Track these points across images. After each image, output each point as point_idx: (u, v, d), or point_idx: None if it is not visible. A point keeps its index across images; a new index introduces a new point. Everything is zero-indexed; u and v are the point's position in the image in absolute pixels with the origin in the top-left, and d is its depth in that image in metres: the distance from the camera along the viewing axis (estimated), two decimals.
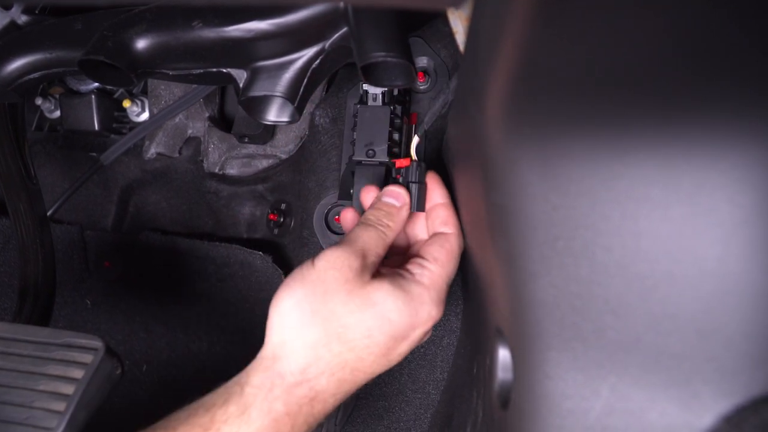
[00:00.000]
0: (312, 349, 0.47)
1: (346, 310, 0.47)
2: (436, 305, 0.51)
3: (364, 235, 0.52)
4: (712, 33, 0.26)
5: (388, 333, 0.48)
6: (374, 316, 0.48)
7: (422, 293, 0.50)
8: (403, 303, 0.48)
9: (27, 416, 0.48)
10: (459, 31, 0.45)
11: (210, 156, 0.92)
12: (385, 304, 0.48)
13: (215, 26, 0.55)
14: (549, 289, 0.33)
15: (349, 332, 0.47)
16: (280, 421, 0.45)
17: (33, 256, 0.70)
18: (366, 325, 0.47)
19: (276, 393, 0.46)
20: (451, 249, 0.54)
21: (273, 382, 0.46)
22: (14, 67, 0.63)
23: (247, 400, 0.45)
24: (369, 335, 0.47)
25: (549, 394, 0.34)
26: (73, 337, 0.51)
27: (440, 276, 0.52)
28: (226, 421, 0.44)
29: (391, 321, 0.48)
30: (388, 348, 0.49)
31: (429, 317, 0.50)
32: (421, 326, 0.50)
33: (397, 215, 0.54)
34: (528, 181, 0.33)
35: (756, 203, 0.25)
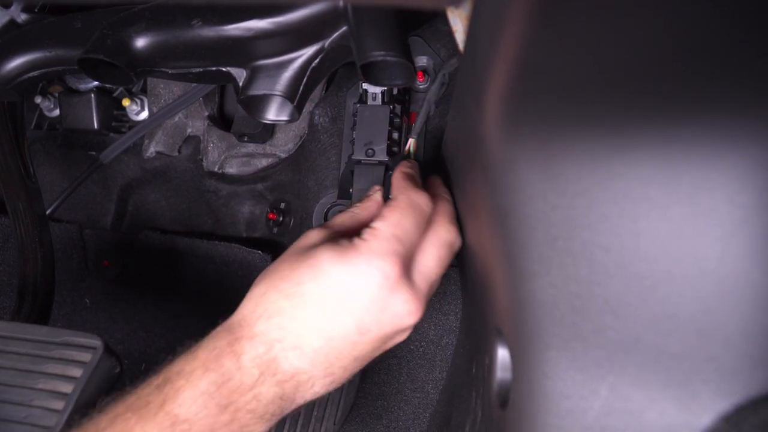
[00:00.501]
0: (254, 300, 0.51)
1: (285, 265, 0.51)
2: (376, 255, 0.49)
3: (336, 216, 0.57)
4: (711, 32, 0.26)
5: (322, 282, 0.49)
6: (307, 266, 0.50)
7: (359, 244, 0.49)
8: (337, 254, 0.49)
9: (26, 415, 0.48)
10: (458, 30, 0.45)
11: (209, 155, 0.92)
12: (318, 256, 0.50)
13: (215, 25, 0.55)
14: (548, 288, 0.33)
15: (283, 282, 0.50)
16: (223, 354, 0.48)
17: (32, 254, 0.70)
18: (298, 273, 0.50)
19: (220, 335, 0.49)
20: (396, 204, 0.53)
21: (220, 329, 0.50)
22: (13, 65, 0.63)
23: (195, 346, 0.49)
24: (300, 282, 0.49)
25: (548, 394, 0.34)
26: (71, 335, 0.51)
27: (379, 228, 0.50)
28: (175, 361, 0.48)
29: (324, 270, 0.49)
30: (328, 300, 0.49)
31: (370, 267, 0.48)
32: (365, 278, 0.48)
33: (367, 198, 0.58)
34: (527, 181, 0.33)
35: (755, 203, 0.25)
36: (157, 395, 0.46)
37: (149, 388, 0.47)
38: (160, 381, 0.47)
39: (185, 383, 0.46)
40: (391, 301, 0.49)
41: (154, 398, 0.46)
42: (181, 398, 0.46)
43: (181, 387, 0.46)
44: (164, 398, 0.46)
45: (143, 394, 0.47)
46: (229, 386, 0.47)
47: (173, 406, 0.45)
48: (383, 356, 0.84)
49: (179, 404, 0.45)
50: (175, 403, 0.46)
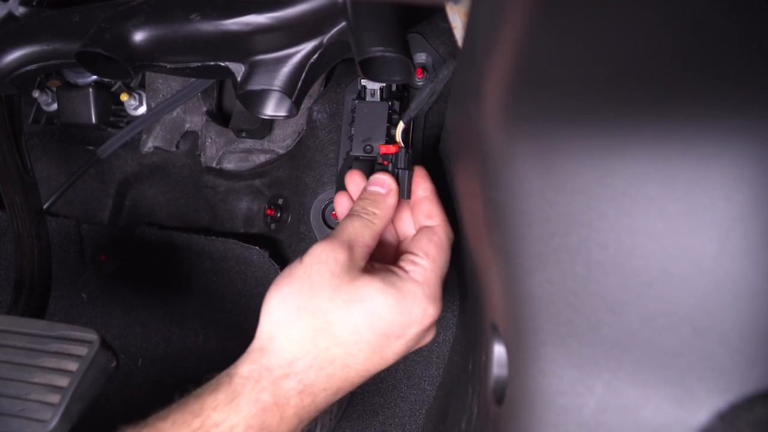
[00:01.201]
0: (298, 344, 0.47)
1: (332, 306, 0.47)
2: (431, 301, 0.50)
3: (349, 226, 0.52)
4: (709, 31, 0.26)
5: (378, 330, 0.48)
6: (362, 312, 0.47)
7: (415, 290, 0.49)
8: (395, 300, 0.48)
9: (21, 408, 0.47)
10: (457, 26, 0.45)
11: (207, 150, 0.92)
12: (374, 301, 0.48)
13: (213, 19, 0.55)
14: (544, 285, 0.33)
15: (335, 327, 0.47)
16: (267, 411, 0.46)
17: (29, 249, 0.70)
18: (353, 321, 0.47)
19: (263, 384, 0.46)
20: (439, 241, 0.53)
21: (261, 374, 0.47)
22: (11, 58, 0.62)
23: (235, 389, 0.46)
24: (356, 331, 0.47)
25: (544, 391, 0.34)
26: (68, 329, 0.51)
27: (432, 271, 0.51)
28: (216, 408, 0.45)
29: (381, 318, 0.48)
30: (380, 345, 0.48)
31: (425, 314, 0.49)
32: (417, 324, 0.49)
33: (383, 202, 0.54)
34: (524, 178, 0.33)
35: (752, 200, 0.25)
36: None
37: (182, 431, 0.45)
38: (196, 429, 0.45)
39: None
40: (428, 335, 0.53)
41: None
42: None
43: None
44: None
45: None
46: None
47: None
48: None
49: None
50: None
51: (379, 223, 0.53)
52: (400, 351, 0.50)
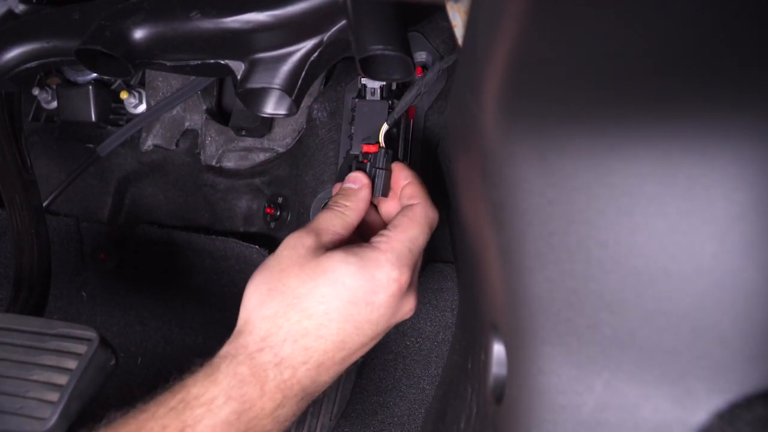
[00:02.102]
0: (271, 320, 0.49)
1: (299, 282, 0.50)
2: (395, 267, 0.50)
3: (320, 216, 0.55)
4: (709, 28, 0.26)
5: (344, 297, 0.49)
6: (326, 282, 0.49)
7: (378, 256, 0.50)
8: (356, 267, 0.49)
9: (20, 406, 0.47)
10: (458, 24, 0.45)
11: (207, 149, 0.92)
12: (337, 270, 0.49)
13: (213, 17, 0.55)
14: (544, 284, 0.33)
15: (304, 301, 0.49)
16: (246, 382, 0.47)
17: (28, 246, 0.70)
18: (319, 292, 0.49)
19: (240, 359, 0.48)
20: (413, 216, 0.54)
21: (237, 351, 0.49)
22: (11, 56, 0.62)
23: (213, 366, 0.48)
24: (324, 301, 0.49)
25: (543, 389, 0.34)
26: (67, 327, 0.51)
27: (398, 240, 0.52)
28: (195, 383, 0.47)
29: (346, 285, 0.49)
30: (350, 313, 0.49)
31: (389, 279, 0.50)
32: (383, 290, 0.50)
33: (354, 195, 0.57)
34: (524, 176, 0.33)
35: (751, 199, 0.25)
36: (175, 420, 0.45)
37: (164, 409, 0.46)
38: (177, 403, 0.46)
39: (206, 411, 0.46)
40: (402, 306, 0.53)
41: (171, 422, 0.45)
42: (200, 427, 0.45)
43: (201, 415, 0.45)
44: (182, 425, 0.45)
45: (158, 414, 0.46)
46: (250, 414, 0.47)
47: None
48: (379, 352, 0.84)
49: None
50: (194, 430, 0.45)
51: (351, 214, 0.55)
52: (375, 319, 0.51)
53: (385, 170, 0.58)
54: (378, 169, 0.58)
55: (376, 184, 0.58)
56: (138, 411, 0.46)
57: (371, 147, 0.60)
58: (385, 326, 0.52)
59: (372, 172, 0.58)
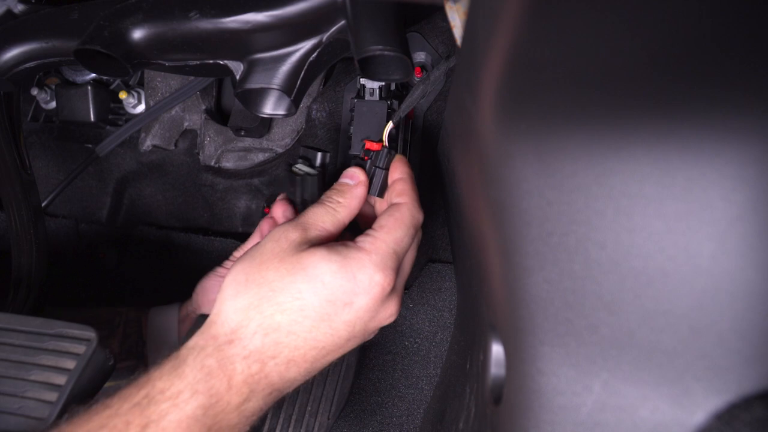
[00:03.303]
0: (242, 312, 0.48)
1: (276, 275, 0.48)
2: (378, 269, 0.49)
3: (311, 211, 0.53)
4: (708, 29, 0.26)
5: (322, 296, 0.48)
6: (305, 278, 0.48)
7: (361, 257, 0.49)
8: (338, 266, 0.48)
9: (19, 406, 0.47)
10: (456, 24, 0.45)
11: (206, 149, 0.91)
12: (318, 267, 0.48)
13: (212, 17, 0.55)
14: (542, 284, 0.33)
15: (279, 294, 0.48)
16: (213, 375, 0.46)
17: (26, 246, 0.70)
18: (296, 287, 0.48)
19: (208, 351, 0.47)
20: (400, 216, 0.53)
21: (206, 342, 0.48)
22: (10, 56, 0.62)
23: (180, 359, 0.47)
24: (300, 297, 0.48)
25: (541, 390, 0.34)
26: (65, 327, 0.51)
27: (383, 241, 0.51)
28: (161, 377, 0.46)
29: (325, 283, 0.48)
30: (326, 313, 0.48)
31: (371, 282, 0.49)
32: (364, 292, 0.49)
33: (349, 192, 0.55)
34: (523, 176, 0.33)
35: (750, 200, 0.25)
36: (139, 415, 0.43)
37: (128, 404, 0.44)
38: (141, 398, 0.44)
39: (171, 406, 0.44)
40: (382, 310, 0.51)
41: (135, 418, 0.43)
42: (165, 422, 0.43)
43: (166, 410, 0.44)
44: (146, 421, 0.43)
45: (122, 410, 0.44)
46: (216, 408, 0.46)
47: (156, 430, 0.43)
48: (378, 353, 0.84)
49: (163, 428, 0.43)
50: (159, 426, 0.43)
51: (343, 211, 0.54)
52: (351, 321, 0.49)
53: (385, 170, 0.58)
54: (378, 168, 0.57)
55: (374, 182, 0.57)
56: (102, 406, 0.45)
57: (374, 144, 0.59)
58: (362, 329, 0.51)
59: (371, 170, 0.58)
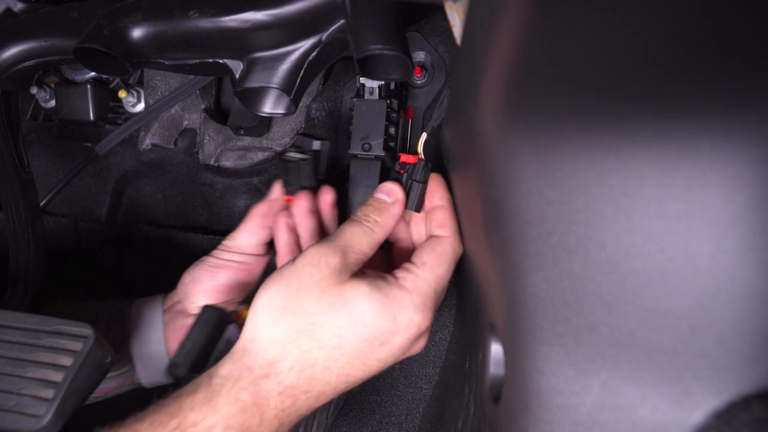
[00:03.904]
0: (280, 345, 0.47)
1: (317, 308, 0.47)
2: (419, 311, 0.48)
3: (348, 231, 0.51)
4: (709, 29, 0.26)
5: (361, 335, 0.47)
6: (346, 315, 0.47)
7: (403, 297, 0.48)
8: (380, 305, 0.47)
9: (15, 403, 0.47)
10: (456, 24, 0.45)
11: (205, 148, 0.91)
12: (360, 305, 0.47)
13: (212, 16, 0.55)
14: (542, 284, 0.33)
15: (319, 330, 0.47)
16: (247, 411, 0.45)
17: (24, 244, 0.70)
18: (337, 324, 0.47)
19: (243, 383, 0.46)
20: (442, 252, 0.52)
21: (240, 374, 0.46)
22: (9, 54, 0.62)
23: (214, 389, 0.46)
24: (339, 335, 0.47)
25: (540, 389, 0.34)
26: (63, 324, 0.51)
27: (426, 280, 0.50)
28: (194, 408, 0.45)
29: (365, 322, 0.47)
30: (362, 351, 0.47)
31: (410, 323, 0.48)
32: (402, 333, 0.48)
33: (387, 211, 0.53)
34: (523, 176, 0.33)
35: (750, 200, 0.25)
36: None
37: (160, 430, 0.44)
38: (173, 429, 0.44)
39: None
40: (414, 345, 0.51)
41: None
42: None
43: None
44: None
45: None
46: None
47: None
48: None
49: None
50: None
51: (380, 232, 0.52)
52: (384, 359, 0.49)
53: (422, 183, 0.55)
54: (414, 182, 0.55)
55: (411, 197, 0.55)
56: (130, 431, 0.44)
57: (410, 157, 0.57)
58: (391, 364, 0.50)
59: (407, 184, 0.55)
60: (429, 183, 0.56)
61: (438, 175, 0.56)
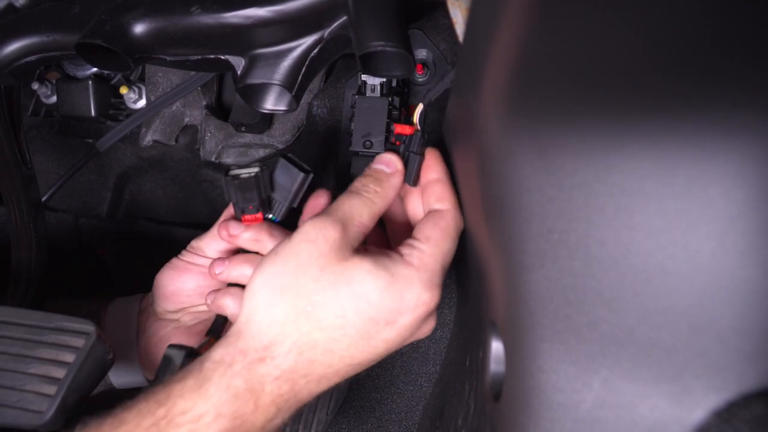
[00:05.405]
0: (278, 326, 0.44)
1: (317, 287, 0.44)
2: (426, 288, 0.46)
3: (347, 203, 0.48)
4: (710, 28, 0.26)
5: (365, 315, 0.44)
6: (349, 294, 0.44)
7: (409, 274, 0.45)
8: (386, 283, 0.44)
9: (18, 399, 0.47)
10: (458, 21, 0.45)
11: (207, 144, 0.91)
12: (363, 283, 0.44)
13: (213, 12, 0.55)
14: (542, 281, 0.33)
15: (319, 310, 0.44)
16: (240, 398, 0.43)
17: (26, 241, 0.70)
18: (339, 304, 0.44)
19: (236, 369, 0.43)
20: (446, 226, 0.49)
21: (234, 358, 0.44)
22: (11, 49, 0.62)
23: (205, 375, 0.43)
24: (342, 315, 0.44)
25: (541, 387, 0.34)
26: (65, 321, 0.51)
27: (432, 256, 0.47)
28: (183, 395, 0.42)
29: (370, 302, 0.44)
30: (367, 331, 0.45)
31: (418, 301, 0.45)
32: (410, 312, 0.46)
33: (387, 181, 0.51)
34: (524, 173, 0.33)
35: (751, 198, 0.25)
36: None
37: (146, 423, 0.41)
38: (160, 418, 0.41)
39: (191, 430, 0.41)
40: (423, 327, 0.49)
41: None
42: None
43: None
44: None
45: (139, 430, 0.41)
46: (240, 430, 0.43)
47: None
48: None
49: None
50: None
51: (380, 203, 0.50)
52: (391, 339, 0.46)
53: (420, 155, 0.53)
54: (412, 153, 0.53)
55: (408, 169, 0.53)
56: (117, 420, 0.42)
57: (406, 128, 0.55)
58: (399, 345, 0.48)
59: (405, 155, 0.53)
60: (426, 156, 0.54)
61: (434, 149, 0.54)
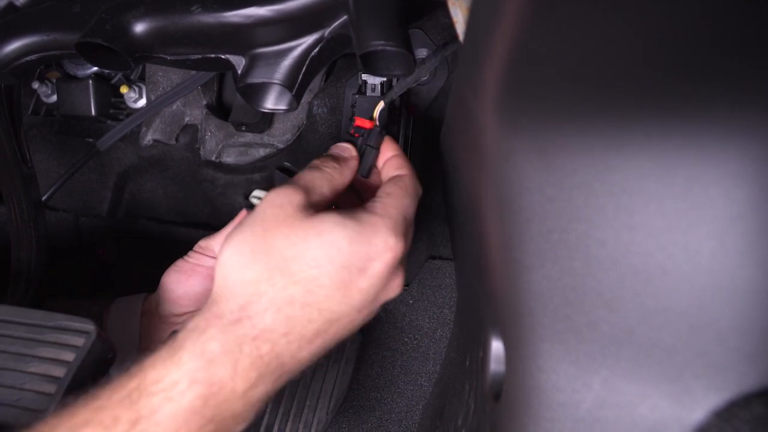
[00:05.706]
0: (253, 286, 0.44)
1: (287, 243, 0.45)
2: (393, 233, 0.47)
3: (308, 174, 0.50)
4: (710, 27, 0.26)
5: (338, 262, 0.44)
6: (320, 245, 0.44)
7: (375, 221, 0.46)
8: (354, 231, 0.45)
9: (17, 398, 0.47)
10: (459, 21, 0.45)
11: (207, 144, 0.91)
12: (333, 233, 0.45)
13: (214, 11, 0.55)
14: (543, 281, 0.33)
15: (293, 264, 0.44)
16: (216, 362, 0.41)
17: (26, 240, 0.70)
18: (311, 255, 0.44)
19: (210, 333, 0.42)
20: (404, 185, 0.52)
21: (208, 323, 0.43)
22: (11, 48, 0.62)
23: (178, 344, 0.42)
24: (316, 265, 0.44)
25: (541, 387, 0.34)
26: (65, 320, 0.51)
27: (393, 206, 0.49)
28: (155, 365, 0.41)
29: (341, 249, 0.44)
30: (341, 280, 0.45)
31: (386, 245, 0.46)
32: (379, 257, 0.46)
33: (344, 162, 0.53)
34: (524, 173, 0.33)
35: (751, 198, 0.25)
36: (128, 409, 0.39)
37: (117, 396, 0.40)
38: (131, 390, 0.40)
39: (164, 399, 0.40)
40: (392, 280, 0.49)
41: (124, 413, 0.39)
42: (158, 417, 0.39)
43: (158, 404, 0.40)
44: (137, 416, 0.39)
45: (110, 403, 0.40)
46: (218, 396, 0.41)
47: (148, 426, 0.39)
48: (377, 349, 0.84)
49: (156, 423, 0.39)
50: (151, 422, 0.39)
51: (338, 178, 0.52)
52: (366, 288, 0.46)
53: (375, 149, 0.56)
54: (368, 147, 0.56)
55: (363, 161, 0.56)
56: (91, 397, 0.41)
57: (365, 122, 0.57)
58: (373, 299, 0.48)
59: (362, 148, 0.56)
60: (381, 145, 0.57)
61: (389, 137, 0.57)
